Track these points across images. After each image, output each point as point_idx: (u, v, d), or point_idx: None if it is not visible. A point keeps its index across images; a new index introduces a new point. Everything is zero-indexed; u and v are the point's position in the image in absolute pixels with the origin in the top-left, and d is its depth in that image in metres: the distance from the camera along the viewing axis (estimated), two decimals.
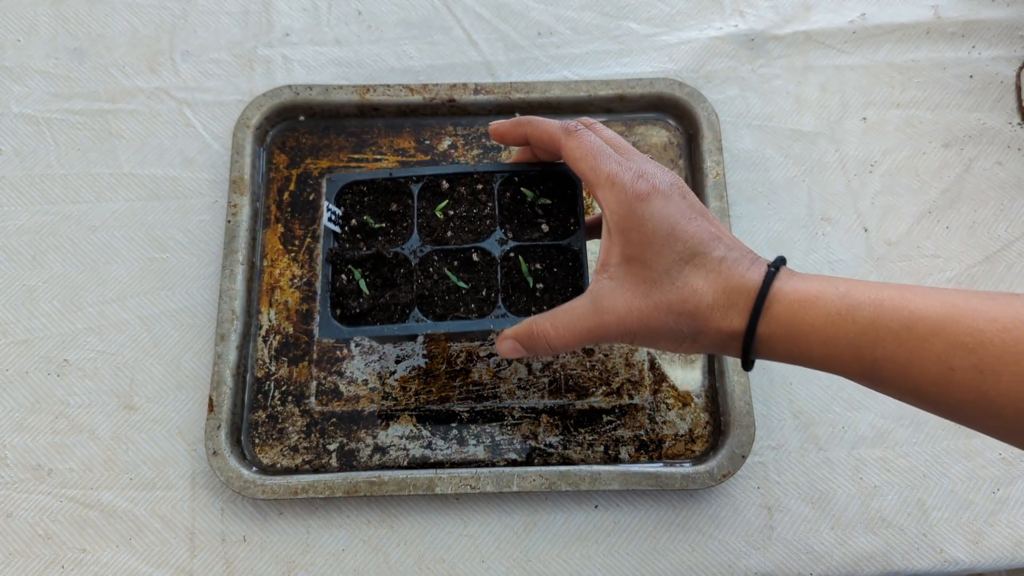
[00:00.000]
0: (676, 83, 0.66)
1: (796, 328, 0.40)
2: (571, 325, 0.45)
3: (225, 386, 0.58)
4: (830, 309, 0.39)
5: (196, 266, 0.63)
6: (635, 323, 0.43)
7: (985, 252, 0.64)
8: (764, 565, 0.57)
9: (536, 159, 0.52)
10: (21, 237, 0.64)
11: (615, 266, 0.44)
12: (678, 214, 0.43)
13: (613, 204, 0.44)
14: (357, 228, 0.52)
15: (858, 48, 0.70)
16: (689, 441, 0.59)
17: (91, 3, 0.71)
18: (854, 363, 0.39)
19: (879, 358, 0.38)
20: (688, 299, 0.42)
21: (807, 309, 0.40)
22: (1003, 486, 0.59)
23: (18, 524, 0.57)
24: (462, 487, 0.55)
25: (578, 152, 0.46)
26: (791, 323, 0.40)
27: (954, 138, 0.67)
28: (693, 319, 0.42)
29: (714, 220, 0.44)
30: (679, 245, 0.42)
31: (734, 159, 0.66)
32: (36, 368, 0.60)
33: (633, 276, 0.43)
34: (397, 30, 0.71)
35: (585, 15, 0.71)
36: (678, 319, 0.42)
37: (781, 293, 0.41)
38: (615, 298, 0.43)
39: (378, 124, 0.67)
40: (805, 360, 0.41)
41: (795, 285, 0.41)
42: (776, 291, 0.41)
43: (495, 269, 0.51)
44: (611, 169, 0.44)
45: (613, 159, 0.45)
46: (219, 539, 0.57)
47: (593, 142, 0.46)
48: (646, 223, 0.43)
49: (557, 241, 0.51)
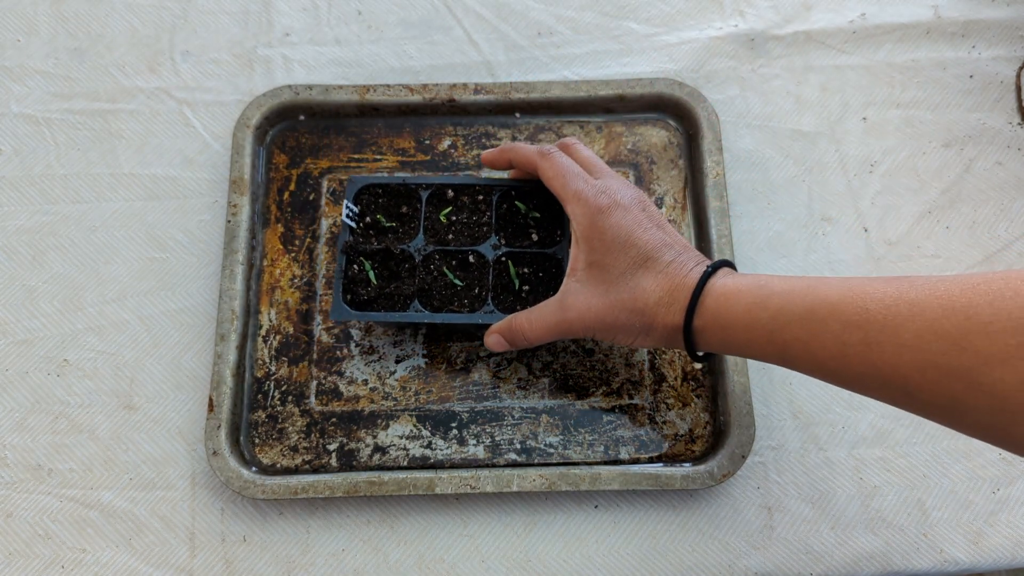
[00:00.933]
0: (676, 83, 0.66)
1: (723, 318, 0.45)
2: (543, 320, 0.51)
3: (225, 386, 0.58)
4: (748, 299, 0.44)
5: (196, 266, 0.63)
6: (593, 319, 0.49)
7: (985, 252, 0.64)
8: (764, 565, 0.57)
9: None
10: (21, 237, 0.64)
11: (581, 270, 0.51)
12: (634, 224, 0.49)
13: (579, 216, 0.50)
14: (370, 225, 0.58)
15: (858, 48, 0.70)
16: (689, 441, 0.59)
17: (91, 3, 0.71)
18: (768, 346, 0.44)
19: (788, 340, 0.43)
20: (639, 298, 0.48)
21: (731, 301, 0.45)
22: (1003, 486, 0.59)
23: (18, 524, 0.57)
24: (462, 487, 0.55)
25: (550, 172, 0.53)
26: (718, 314, 0.46)
27: (954, 138, 0.67)
28: (643, 315, 0.48)
29: (669, 230, 0.50)
30: (633, 251, 0.48)
31: (734, 159, 0.66)
32: (36, 368, 0.60)
33: (594, 279, 0.50)
34: (397, 30, 0.71)
35: (585, 15, 0.71)
36: (630, 315, 0.48)
37: (712, 288, 0.46)
38: (578, 298, 0.50)
39: (378, 124, 0.67)
40: (733, 347, 0.47)
41: (725, 281, 0.46)
42: (709, 287, 0.46)
43: (488, 271, 0.56)
44: (577, 186, 0.51)
45: (580, 177, 0.52)
46: (219, 539, 0.57)
47: (563, 163, 0.53)
48: (606, 232, 0.49)
49: (544, 250, 0.57)
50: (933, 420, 0.39)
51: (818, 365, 0.42)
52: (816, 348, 0.41)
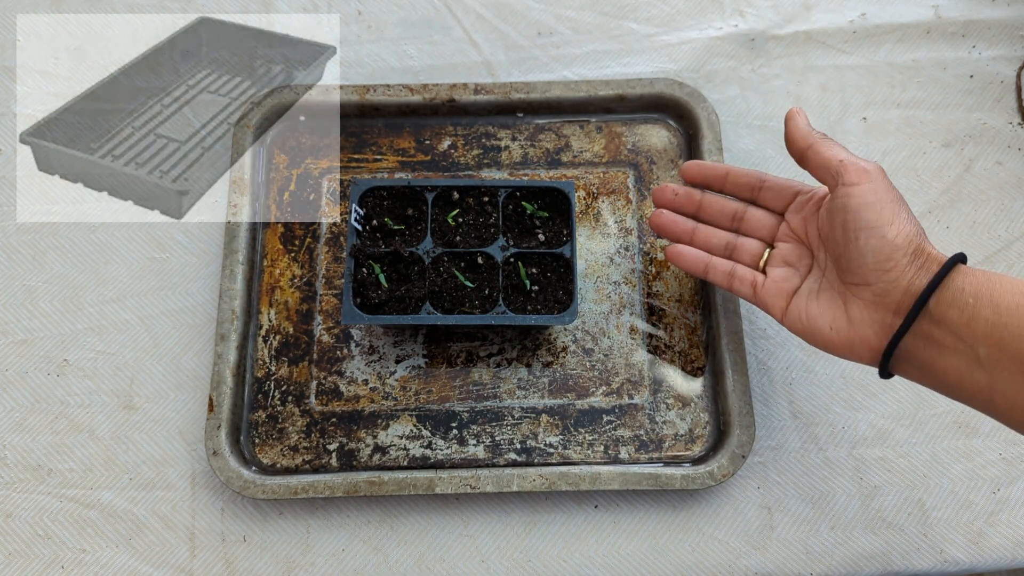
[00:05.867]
0: (676, 83, 0.66)
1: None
2: None
3: (225, 386, 0.58)
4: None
5: (196, 266, 0.63)
6: None
7: (985, 252, 0.64)
8: (764, 565, 0.56)
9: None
10: (21, 237, 0.64)
11: None
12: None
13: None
14: (377, 228, 0.58)
15: (858, 48, 0.70)
16: (689, 441, 0.59)
17: (91, 3, 0.71)
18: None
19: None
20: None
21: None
22: (1003, 486, 0.58)
23: (18, 524, 0.57)
24: (462, 487, 0.55)
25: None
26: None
27: (954, 138, 0.67)
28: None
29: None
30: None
31: (734, 159, 0.66)
32: (36, 368, 0.60)
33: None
34: (397, 30, 0.71)
35: (585, 15, 0.71)
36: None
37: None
38: None
39: (378, 124, 0.67)
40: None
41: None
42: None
43: (497, 272, 0.57)
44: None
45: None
46: (219, 539, 0.57)
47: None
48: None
49: (552, 249, 0.57)
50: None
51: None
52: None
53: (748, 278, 0.54)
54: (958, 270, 0.44)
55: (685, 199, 0.57)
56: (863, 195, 0.46)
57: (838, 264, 0.49)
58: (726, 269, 0.55)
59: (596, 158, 0.66)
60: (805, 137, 0.51)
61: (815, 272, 0.51)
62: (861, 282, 0.47)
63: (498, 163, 0.65)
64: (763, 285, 0.53)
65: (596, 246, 0.63)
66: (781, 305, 0.52)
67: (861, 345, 0.47)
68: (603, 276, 0.63)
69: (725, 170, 0.56)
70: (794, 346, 0.62)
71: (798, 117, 0.52)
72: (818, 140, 0.50)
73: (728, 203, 0.57)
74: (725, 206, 0.57)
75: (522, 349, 0.61)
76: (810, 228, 0.52)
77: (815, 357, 0.61)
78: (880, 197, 0.46)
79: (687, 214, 0.58)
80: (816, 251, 0.52)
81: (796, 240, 0.53)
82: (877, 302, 0.46)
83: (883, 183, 0.47)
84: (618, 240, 0.63)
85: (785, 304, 0.51)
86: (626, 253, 0.63)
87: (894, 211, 0.46)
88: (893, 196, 0.47)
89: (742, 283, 0.54)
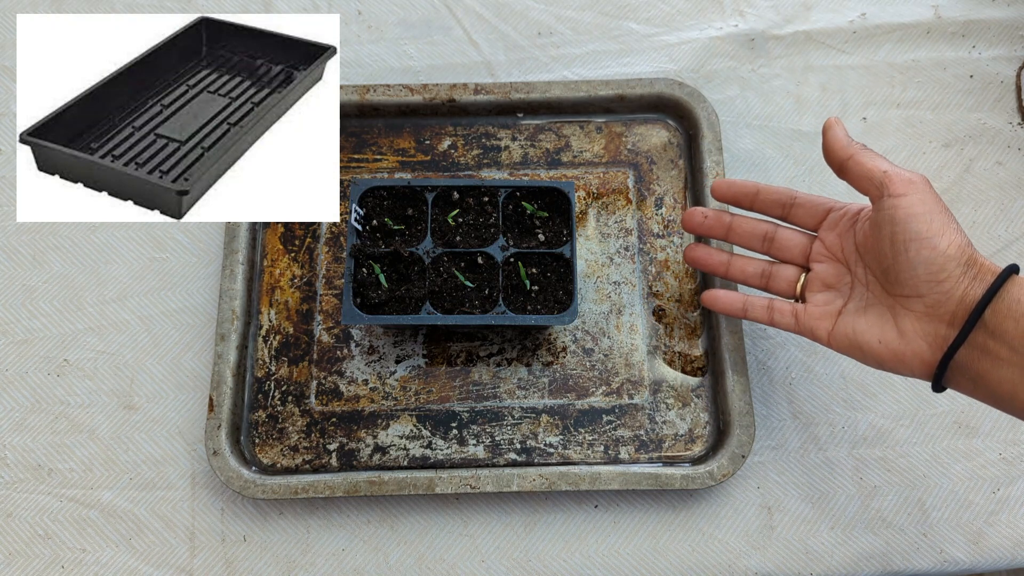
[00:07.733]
0: (676, 83, 0.66)
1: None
2: None
3: (225, 386, 0.58)
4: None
5: (196, 266, 0.63)
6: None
7: (985, 252, 0.64)
8: (764, 565, 0.57)
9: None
10: (21, 237, 0.64)
11: None
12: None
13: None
14: (377, 228, 0.58)
15: (858, 48, 0.70)
16: (689, 441, 0.59)
17: (91, 3, 0.71)
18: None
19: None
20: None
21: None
22: (1003, 486, 0.59)
23: (18, 524, 0.57)
24: (462, 487, 0.55)
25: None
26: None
27: (954, 138, 0.67)
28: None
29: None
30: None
31: (734, 159, 0.66)
32: (36, 368, 0.60)
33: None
34: (397, 30, 0.71)
35: (585, 15, 0.71)
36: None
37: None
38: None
39: (378, 124, 0.67)
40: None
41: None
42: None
43: (497, 272, 0.57)
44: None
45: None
46: (219, 539, 0.57)
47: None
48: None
49: (552, 249, 0.57)
50: None
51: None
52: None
53: (788, 310, 0.53)
54: (1013, 281, 0.43)
55: (715, 221, 0.56)
56: (911, 206, 0.45)
57: (885, 277, 0.48)
58: (764, 304, 0.54)
59: (596, 158, 0.66)
60: (845, 148, 0.50)
61: (858, 289, 0.50)
62: (912, 294, 0.46)
63: (498, 163, 0.65)
64: (804, 312, 0.52)
65: (596, 246, 0.63)
66: (827, 327, 0.51)
67: (913, 358, 0.46)
68: (603, 276, 0.63)
69: (755, 188, 0.55)
70: (794, 346, 0.62)
71: (837, 128, 0.51)
72: (859, 151, 0.49)
73: (758, 223, 0.56)
74: (756, 227, 0.56)
75: (522, 349, 0.61)
76: (846, 245, 0.51)
77: (815, 357, 0.61)
78: (929, 208, 0.45)
79: (717, 236, 0.57)
80: (854, 267, 0.51)
81: (832, 259, 0.52)
82: (930, 313, 0.45)
83: (930, 194, 0.46)
84: (618, 240, 0.63)
85: (831, 325, 0.50)
86: (626, 253, 0.63)
87: (944, 221, 0.45)
88: (941, 207, 0.46)
89: (783, 315, 0.53)
